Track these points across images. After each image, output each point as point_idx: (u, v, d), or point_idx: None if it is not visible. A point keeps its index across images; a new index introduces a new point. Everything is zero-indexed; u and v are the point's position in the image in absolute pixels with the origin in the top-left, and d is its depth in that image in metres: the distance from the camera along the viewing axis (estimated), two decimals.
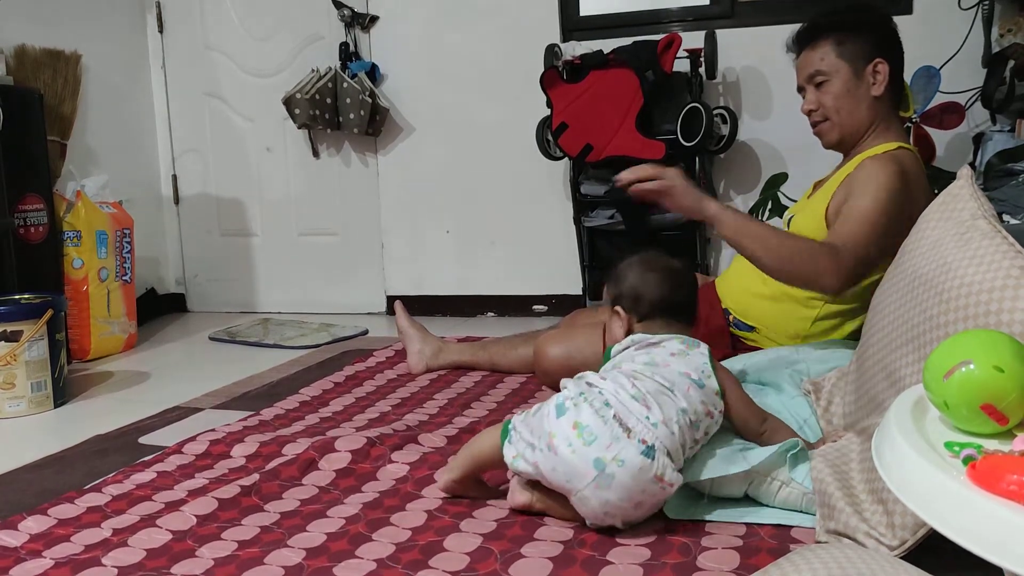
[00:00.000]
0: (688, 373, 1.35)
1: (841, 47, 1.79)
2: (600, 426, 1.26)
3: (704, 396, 1.35)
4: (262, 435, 1.84)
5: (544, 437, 1.28)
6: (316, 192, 3.56)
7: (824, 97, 1.81)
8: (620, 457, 1.24)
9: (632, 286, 1.49)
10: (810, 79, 1.83)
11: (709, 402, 1.35)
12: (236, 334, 3.16)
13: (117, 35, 3.51)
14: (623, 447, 1.24)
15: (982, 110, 2.62)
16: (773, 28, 2.91)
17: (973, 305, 1.14)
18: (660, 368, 1.35)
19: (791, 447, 1.36)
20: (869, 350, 1.45)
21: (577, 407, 1.28)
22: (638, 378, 1.32)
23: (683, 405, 1.31)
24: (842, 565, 0.94)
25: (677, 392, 1.32)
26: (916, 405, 0.86)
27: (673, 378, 1.34)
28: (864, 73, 1.79)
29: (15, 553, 1.34)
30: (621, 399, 1.29)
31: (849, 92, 1.79)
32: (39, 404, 2.27)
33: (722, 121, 2.83)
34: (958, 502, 0.68)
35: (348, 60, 3.32)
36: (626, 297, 1.49)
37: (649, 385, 1.31)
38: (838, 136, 1.84)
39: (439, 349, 2.40)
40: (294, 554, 1.30)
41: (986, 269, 1.14)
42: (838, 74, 1.79)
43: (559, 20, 3.17)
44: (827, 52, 1.80)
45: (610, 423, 1.26)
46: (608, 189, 2.90)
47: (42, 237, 2.81)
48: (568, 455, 1.25)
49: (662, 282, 1.48)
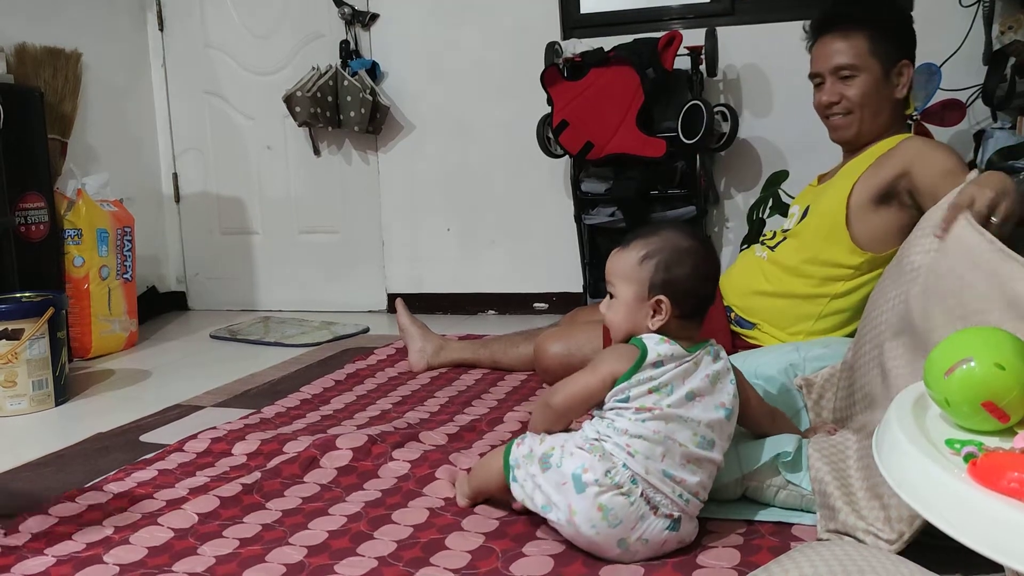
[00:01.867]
0: (723, 403, 1.25)
1: (874, 43, 1.76)
2: (625, 508, 1.18)
3: (732, 426, 1.28)
4: (263, 433, 1.84)
5: (564, 509, 1.21)
6: (317, 190, 3.56)
7: (849, 91, 1.78)
8: (645, 536, 1.20)
9: (687, 278, 1.26)
10: (836, 70, 1.78)
11: (735, 426, 1.30)
12: (237, 332, 3.16)
13: (117, 33, 3.51)
14: (648, 525, 1.19)
15: (983, 107, 2.62)
16: (774, 25, 2.91)
17: (963, 304, 1.14)
18: (697, 408, 1.23)
19: (783, 456, 1.34)
20: (864, 347, 1.45)
21: (599, 486, 1.19)
22: (672, 441, 1.20)
23: (719, 460, 1.25)
24: (841, 561, 0.95)
25: (716, 449, 1.24)
26: (917, 402, 0.86)
27: (714, 426, 1.24)
28: (891, 74, 1.78)
29: (17, 551, 1.34)
30: (650, 476, 1.19)
31: (877, 91, 1.77)
32: (40, 402, 2.27)
33: (723, 119, 2.82)
34: (959, 499, 0.68)
35: (348, 58, 3.32)
36: (678, 289, 1.25)
37: (686, 452, 1.21)
38: (856, 132, 1.81)
39: (440, 347, 2.40)
40: (296, 552, 1.30)
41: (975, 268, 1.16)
42: (869, 71, 1.77)
43: (560, 17, 3.17)
44: (860, 46, 1.76)
45: (637, 503, 1.19)
46: (608, 187, 2.90)
47: (43, 235, 2.81)
48: (591, 535, 1.20)
49: (710, 280, 1.30)
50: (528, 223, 3.30)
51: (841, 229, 1.76)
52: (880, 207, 1.73)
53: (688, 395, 1.23)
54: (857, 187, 1.75)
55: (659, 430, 1.20)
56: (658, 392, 1.22)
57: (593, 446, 1.22)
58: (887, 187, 1.71)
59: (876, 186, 1.72)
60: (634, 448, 1.20)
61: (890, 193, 1.71)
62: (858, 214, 1.75)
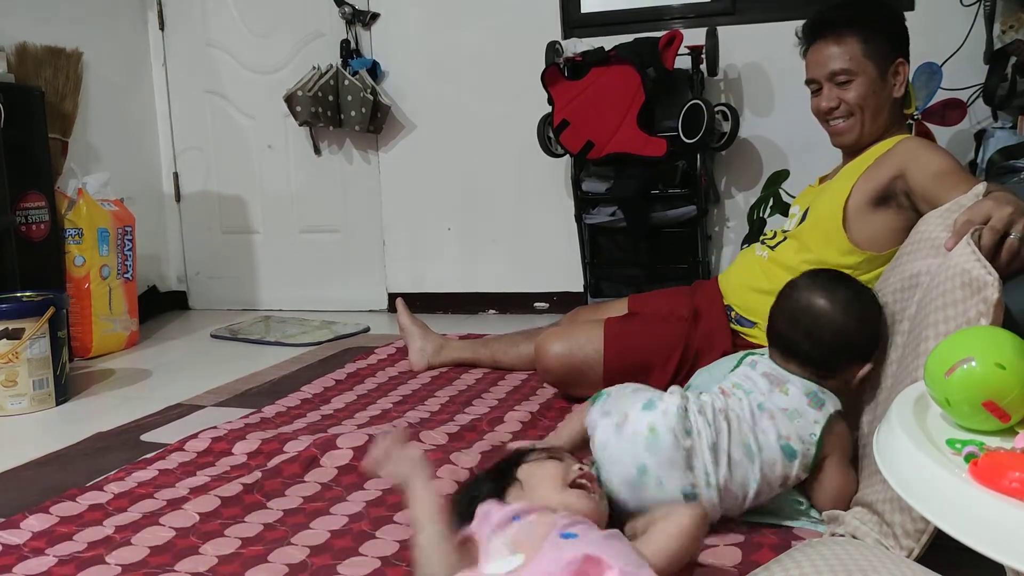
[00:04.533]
0: (788, 438, 1.26)
1: (867, 45, 1.75)
2: (669, 444, 1.23)
3: (788, 469, 1.27)
4: (264, 432, 1.84)
5: (619, 414, 1.28)
6: (317, 189, 3.56)
7: (847, 95, 1.77)
8: (664, 481, 1.23)
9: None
10: (832, 76, 1.77)
11: (792, 472, 1.27)
12: (238, 331, 3.16)
13: (118, 32, 3.51)
14: (672, 475, 1.23)
15: (984, 107, 2.61)
16: (774, 25, 2.90)
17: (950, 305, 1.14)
18: (761, 421, 1.27)
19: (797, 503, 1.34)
20: None
21: (666, 415, 1.25)
22: (727, 430, 1.26)
23: (756, 477, 1.26)
24: (843, 561, 0.94)
25: (756, 463, 1.25)
26: (918, 402, 0.86)
27: (765, 444, 1.26)
28: (887, 73, 1.77)
29: (18, 551, 1.34)
30: (701, 439, 1.25)
31: (875, 92, 1.76)
32: (41, 402, 2.27)
33: (723, 118, 2.82)
34: (960, 499, 0.68)
35: (349, 57, 3.32)
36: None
37: (732, 448, 1.25)
38: (857, 136, 1.80)
39: (440, 346, 2.40)
40: (298, 551, 1.30)
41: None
42: (865, 74, 1.75)
43: (560, 17, 3.17)
44: (853, 49, 1.75)
45: (680, 450, 1.24)
46: (609, 186, 2.90)
47: (44, 235, 2.81)
48: (626, 443, 1.25)
49: None
50: (529, 223, 3.30)
51: (839, 230, 1.76)
52: (878, 208, 1.73)
53: (761, 406, 1.29)
54: (855, 189, 1.75)
55: (720, 419, 1.28)
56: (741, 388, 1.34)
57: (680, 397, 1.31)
58: (884, 189, 1.71)
59: (874, 188, 1.72)
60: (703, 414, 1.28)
61: (887, 195, 1.71)
62: (856, 215, 1.75)
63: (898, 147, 1.72)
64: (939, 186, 1.55)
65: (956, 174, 1.57)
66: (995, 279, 1.09)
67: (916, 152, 1.68)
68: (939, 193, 1.54)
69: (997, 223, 1.19)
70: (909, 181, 1.66)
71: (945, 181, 1.54)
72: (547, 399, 2.03)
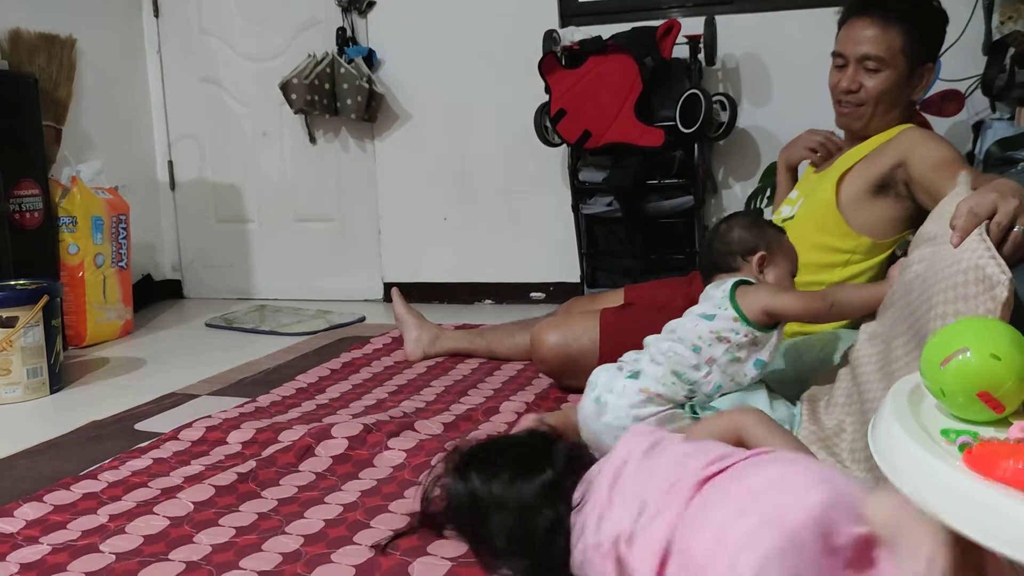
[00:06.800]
0: (704, 312, 1.45)
1: (909, 42, 1.71)
2: (613, 370, 1.45)
3: (714, 325, 1.43)
4: (258, 422, 1.84)
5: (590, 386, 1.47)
6: (313, 178, 3.55)
7: (870, 82, 1.73)
8: (611, 386, 1.42)
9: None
10: (863, 59, 1.73)
11: (718, 325, 1.43)
12: (232, 320, 3.16)
13: (112, 19, 3.48)
14: (613, 377, 1.43)
15: (982, 98, 2.61)
16: (773, 14, 2.89)
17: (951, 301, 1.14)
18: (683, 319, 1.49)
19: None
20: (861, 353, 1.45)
21: (617, 368, 1.47)
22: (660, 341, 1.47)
23: (688, 345, 1.43)
24: None
25: (685, 341, 1.44)
26: (913, 392, 0.86)
27: (687, 325, 1.46)
28: (915, 74, 1.75)
29: (12, 539, 1.34)
30: (640, 363, 1.45)
31: (897, 89, 1.74)
32: (35, 390, 2.27)
33: (721, 108, 2.81)
34: (954, 488, 0.68)
35: (345, 45, 3.30)
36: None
37: (662, 345, 1.46)
38: (863, 124, 1.78)
39: (436, 336, 2.39)
40: (292, 540, 1.30)
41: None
42: (895, 68, 1.72)
43: (557, 5, 3.15)
44: (894, 40, 1.71)
45: (621, 372, 1.45)
46: (606, 176, 2.89)
47: (37, 223, 2.80)
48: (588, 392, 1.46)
49: None
50: (525, 212, 3.29)
51: (834, 215, 1.75)
52: (877, 196, 1.73)
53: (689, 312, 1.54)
54: (851, 175, 1.74)
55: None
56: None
57: None
58: (883, 177, 1.71)
59: (873, 175, 1.72)
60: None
61: (887, 183, 1.71)
62: (855, 201, 1.75)
63: (900, 136, 1.72)
64: (939, 176, 1.55)
65: (957, 165, 1.57)
66: (1008, 278, 1.08)
67: (918, 142, 1.67)
68: (939, 183, 1.54)
69: (1003, 218, 1.17)
70: (910, 170, 1.65)
71: (945, 171, 1.54)
72: (543, 389, 2.03)
